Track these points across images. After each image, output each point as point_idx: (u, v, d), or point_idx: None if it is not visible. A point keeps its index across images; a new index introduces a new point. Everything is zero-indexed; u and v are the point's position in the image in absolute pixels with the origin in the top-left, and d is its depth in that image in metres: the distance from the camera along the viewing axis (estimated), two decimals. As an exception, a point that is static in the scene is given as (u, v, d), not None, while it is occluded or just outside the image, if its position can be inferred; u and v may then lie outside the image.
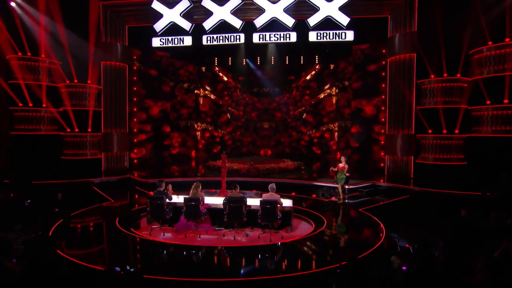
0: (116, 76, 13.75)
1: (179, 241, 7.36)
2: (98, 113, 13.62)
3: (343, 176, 9.72)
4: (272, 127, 20.16)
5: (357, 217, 8.94)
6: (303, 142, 19.83)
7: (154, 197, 7.80)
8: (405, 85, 13.18)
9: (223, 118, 20.12)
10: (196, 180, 8.61)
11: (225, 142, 20.20)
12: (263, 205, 7.43)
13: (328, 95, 19.12)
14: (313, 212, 8.92)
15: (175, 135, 18.68)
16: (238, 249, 6.82)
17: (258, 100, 20.07)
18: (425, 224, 8.07)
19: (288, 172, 13.83)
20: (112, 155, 13.88)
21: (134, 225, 8.14)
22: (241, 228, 7.92)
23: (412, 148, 13.07)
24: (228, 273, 5.56)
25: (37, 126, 12.59)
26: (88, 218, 8.55)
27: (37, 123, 12.61)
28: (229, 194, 8.02)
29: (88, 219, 8.50)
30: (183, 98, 18.77)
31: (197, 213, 7.69)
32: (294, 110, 19.86)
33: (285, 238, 7.47)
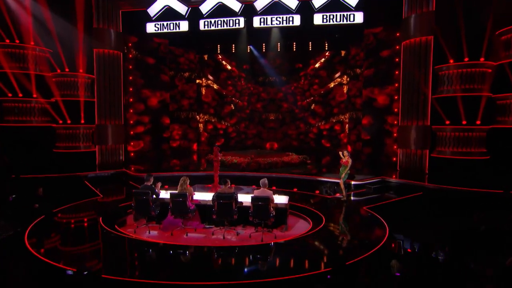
0: (110, 64, 13.60)
1: (164, 239, 7.15)
2: (91, 104, 13.51)
3: (346, 171, 9.31)
4: (278, 118, 19.76)
5: (360, 216, 8.55)
6: (312, 134, 19.38)
7: (139, 192, 7.62)
8: (421, 71, 12.51)
9: (226, 109, 19.84)
10: (196, 175, 8.40)
11: (228, 134, 19.94)
12: (254, 202, 7.15)
13: (339, 84, 18.54)
14: (312, 210, 8.59)
15: (176, 127, 18.54)
16: (225, 249, 6.57)
17: (264, 90, 19.67)
18: (436, 225, 7.61)
19: (293, 167, 13.47)
20: (107, 148, 13.80)
21: (119, 222, 8.01)
22: (233, 227, 7.68)
23: (427, 141, 12.45)
24: (207, 276, 5.31)
25: (27, 117, 12.58)
26: (72, 214, 8.42)
27: (27, 114, 12.57)
28: (219, 190, 7.78)
29: (72, 215, 8.37)
30: (183, 88, 18.56)
31: (184, 209, 7.48)
32: (302, 101, 19.40)
33: (278, 237, 7.18)
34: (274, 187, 11.19)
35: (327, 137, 18.94)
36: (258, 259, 6.14)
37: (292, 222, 8.19)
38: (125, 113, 14.95)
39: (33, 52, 12.26)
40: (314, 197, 10.13)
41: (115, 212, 8.45)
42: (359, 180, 10.90)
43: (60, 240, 6.98)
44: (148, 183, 7.86)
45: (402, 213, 8.76)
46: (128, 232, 7.49)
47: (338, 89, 18.53)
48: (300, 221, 8.31)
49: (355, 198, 10.16)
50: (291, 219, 8.39)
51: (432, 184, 10.68)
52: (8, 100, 12.27)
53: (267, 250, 6.58)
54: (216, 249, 6.56)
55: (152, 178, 7.92)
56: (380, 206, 8.94)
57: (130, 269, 5.68)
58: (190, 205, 7.61)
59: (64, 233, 7.30)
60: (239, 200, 7.64)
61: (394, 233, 6.89)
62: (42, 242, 6.60)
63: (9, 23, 11.64)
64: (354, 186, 10.59)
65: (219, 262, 6.01)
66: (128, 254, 6.32)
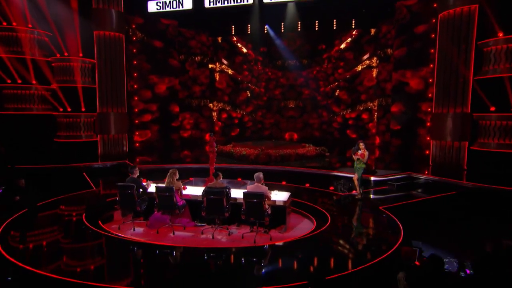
0: (112, 48, 13.41)
1: (147, 237, 6.91)
2: (93, 90, 13.42)
3: (362, 165, 8.58)
4: (298, 106, 19.06)
5: (373, 217, 7.87)
6: (336, 124, 18.52)
7: (123, 185, 7.40)
8: (461, 48, 11.32)
9: (242, 97, 19.37)
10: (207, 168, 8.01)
11: (244, 124, 19.51)
12: (247, 199, 6.71)
13: (367, 67, 17.46)
14: (319, 209, 8.00)
15: (187, 115, 18.33)
16: (211, 251, 6.19)
17: (283, 75, 18.96)
18: (469, 233, 6.82)
19: (308, 160, 12.82)
20: (109, 137, 13.76)
21: (105, 217, 7.87)
22: (226, 225, 7.31)
23: (466, 131, 11.27)
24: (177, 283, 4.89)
25: (27, 105, 12.73)
26: (57, 208, 8.29)
27: (27, 102, 12.70)
28: (209, 184, 7.40)
29: (56, 209, 8.23)
30: (195, 74, 18.26)
31: (171, 205, 7.18)
32: (325, 86, 18.51)
33: (274, 239, 6.72)
34: (284, 182, 10.70)
35: (353, 127, 18.00)
36: (245, 264, 5.69)
37: (295, 222, 7.72)
38: (129, 100, 14.87)
39: (31, 36, 12.38)
40: (326, 194, 9.50)
41: (101, 206, 8.33)
42: (381, 175, 10.08)
43: (33, 237, 6.83)
44: (133, 176, 7.63)
45: (427, 216, 7.95)
46: (112, 228, 7.32)
47: (367, 72, 17.47)
48: (305, 221, 7.81)
49: (376, 196, 9.41)
50: (295, 218, 7.93)
51: (470, 183, 9.65)
52: (7, 87, 12.53)
53: (258, 253, 6.12)
54: (200, 251, 6.20)
55: (137, 170, 7.67)
56: (401, 206, 8.15)
57: (91, 270, 5.37)
58: (178, 200, 7.30)
59: (40, 228, 7.16)
60: (234, 196, 7.24)
61: (412, 240, 6.17)
62: (15, 239, 6.50)
63: (4, 4, 11.80)
64: (374, 183, 9.81)
65: (194, 267, 5.62)
66: (96, 253, 6.07)
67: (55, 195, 9.07)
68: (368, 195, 9.23)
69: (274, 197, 7.28)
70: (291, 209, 7.57)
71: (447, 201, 8.77)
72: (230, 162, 12.85)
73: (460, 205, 8.60)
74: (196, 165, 12.68)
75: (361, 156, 8.50)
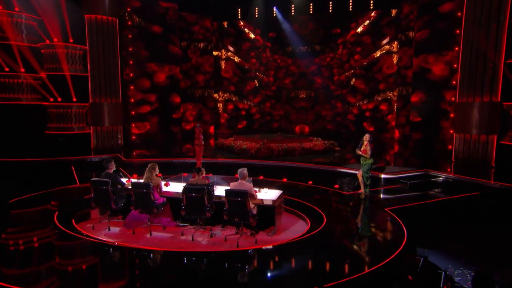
0: (105, 33, 13.14)
1: (120, 239, 6.57)
2: (84, 79, 13.17)
3: (368, 161, 7.94)
4: (310, 96, 18.45)
5: (374, 220, 7.26)
6: (351, 116, 17.80)
7: (97, 180, 7.08)
8: (491, 26, 10.41)
9: (249, 86, 18.91)
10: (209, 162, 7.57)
11: (251, 115, 19.05)
12: (229, 197, 6.25)
13: (387, 52, 16.62)
14: (316, 209, 7.46)
15: (189, 107, 18.03)
16: (185, 256, 5.78)
17: (293, 62, 18.33)
18: (490, 241, 6.14)
19: (315, 154, 12.19)
20: (103, 129, 13.56)
21: (80, 216, 7.59)
22: (209, 226, 6.89)
23: (495, 123, 10.40)
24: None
25: (16, 94, 12.60)
26: (31, 204, 8.00)
27: (16, 91, 12.58)
28: (189, 181, 6.98)
29: (29, 206, 7.94)
30: (198, 62, 17.88)
31: (148, 203, 6.81)
32: (340, 75, 17.81)
33: (260, 243, 6.25)
34: (285, 179, 10.18)
35: (371, 119, 17.24)
36: (222, 272, 5.25)
37: (288, 223, 7.22)
38: (124, 90, 14.62)
39: (18, 20, 12.25)
40: (329, 193, 8.91)
41: (77, 204, 8.07)
42: (392, 173, 9.38)
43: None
44: (109, 170, 7.30)
45: (441, 220, 7.25)
46: (85, 228, 7.01)
47: (386, 59, 16.62)
48: (299, 222, 7.30)
49: (385, 196, 8.74)
50: (290, 219, 7.46)
51: (498, 182, 8.83)
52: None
53: (239, 259, 5.66)
54: (172, 255, 5.80)
55: (112, 165, 7.31)
56: (411, 208, 7.48)
57: (41, 277, 5.00)
58: (157, 198, 6.91)
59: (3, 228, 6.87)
60: (218, 194, 6.82)
61: (418, 247, 5.57)
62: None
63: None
64: (385, 181, 9.13)
65: (167, 273, 5.21)
66: (57, 256, 5.70)
67: (34, 190, 8.88)
68: (378, 195, 8.58)
69: (263, 195, 6.79)
70: (282, 209, 7.06)
71: (468, 203, 8.01)
72: (230, 156, 12.41)
73: (483, 208, 7.84)
74: (208, 159, 12.30)
75: (363, 152, 7.89)
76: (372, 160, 7.91)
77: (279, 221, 6.88)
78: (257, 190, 6.97)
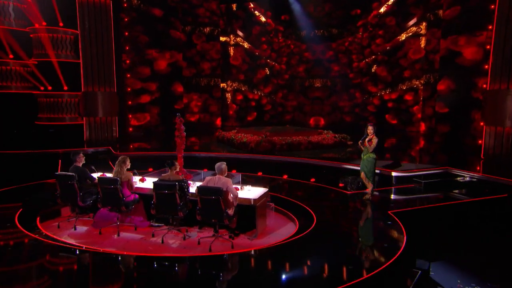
0: (97, 16, 12.82)
1: (81, 240, 6.22)
2: (76, 66, 12.87)
3: (368, 155, 7.27)
4: (326, 86, 17.71)
5: (372, 225, 6.60)
6: (372, 107, 16.94)
7: (63, 175, 6.77)
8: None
9: (260, 75, 18.34)
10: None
11: (262, 106, 18.50)
12: (202, 195, 5.77)
13: (414, 35, 15.61)
14: (308, 210, 6.89)
15: (194, 97, 17.68)
16: (146, 261, 5.37)
17: (308, 48, 17.59)
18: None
19: (324, 149, 11.47)
20: (96, 120, 13.38)
21: (49, 213, 7.33)
22: (186, 227, 6.47)
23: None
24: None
25: (5, 82, 12.42)
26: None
27: (5, 79, 12.41)
28: (161, 176, 6.56)
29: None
30: (204, 48, 17.44)
31: (116, 200, 6.44)
32: (360, 61, 16.98)
33: (237, 247, 5.76)
34: (285, 175, 9.63)
35: (394, 111, 16.32)
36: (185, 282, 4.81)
37: (277, 225, 6.72)
38: (120, 78, 14.31)
39: (5, 2, 12.03)
40: (330, 192, 8.28)
41: (45, 200, 7.82)
42: (405, 170, 8.59)
43: None
44: (76, 164, 6.95)
45: (455, 226, 6.49)
46: (50, 227, 6.73)
47: (413, 42, 15.62)
48: (289, 225, 6.76)
49: (395, 197, 8.02)
50: (280, 220, 6.98)
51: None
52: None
53: (207, 266, 5.20)
54: (131, 260, 5.41)
55: (81, 157, 6.95)
56: (420, 211, 6.73)
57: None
58: (127, 194, 6.53)
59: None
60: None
61: (418, 258, 4.91)
62: None
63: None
64: (397, 180, 8.39)
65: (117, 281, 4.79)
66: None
67: (10, 184, 8.76)
68: (385, 195, 7.88)
69: (244, 194, 6.27)
70: (266, 210, 6.52)
71: (492, 207, 7.18)
72: (230, 150, 11.95)
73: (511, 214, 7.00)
74: (204, 153, 11.92)
75: (369, 144, 7.17)
76: (374, 155, 7.25)
77: (262, 223, 6.33)
78: (238, 187, 6.48)
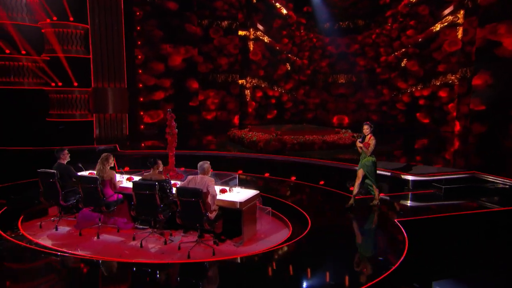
0: (107, 10, 12.88)
1: (59, 241, 6.06)
2: (86, 61, 13.02)
3: (368, 159, 6.74)
4: (351, 82, 17.08)
5: (370, 235, 6.04)
6: (401, 105, 16.07)
7: (45, 172, 6.67)
8: None
9: (280, 70, 17.94)
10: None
11: (283, 104, 18.09)
12: (181, 197, 5.46)
13: (450, 25, 14.64)
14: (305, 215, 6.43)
15: (211, 94, 17.49)
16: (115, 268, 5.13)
17: (332, 41, 17.00)
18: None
19: (340, 149, 10.88)
20: (106, 117, 13.49)
21: (35, 211, 7.29)
22: (171, 230, 6.21)
23: None
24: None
25: (18, 78, 12.79)
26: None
27: (18, 75, 12.76)
28: (144, 175, 6.30)
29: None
30: (221, 42, 17.24)
31: (97, 200, 6.24)
32: (388, 55, 16.21)
33: (218, 254, 5.41)
34: (293, 177, 9.18)
35: (426, 109, 15.40)
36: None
37: (269, 231, 6.34)
38: (132, 74, 14.26)
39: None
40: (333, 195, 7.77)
41: (31, 198, 7.80)
42: (425, 174, 7.90)
43: None
44: (60, 161, 6.84)
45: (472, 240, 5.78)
46: (32, 226, 6.67)
47: (448, 33, 14.65)
48: (284, 231, 6.37)
49: (414, 204, 7.37)
50: (274, 226, 6.55)
51: None
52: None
53: (182, 274, 4.94)
54: (103, 266, 5.18)
55: (66, 154, 6.83)
56: (433, 220, 6.06)
57: None
58: (109, 194, 6.34)
59: None
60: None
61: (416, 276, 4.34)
62: None
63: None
64: (414, 184, 7.72)
65: None
66: None
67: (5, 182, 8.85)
68: (398, 201, 7.25)
69: (231, 196, 5.89)
70: (255, 214, 6.11)
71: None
72: (239, 149, 11.63)
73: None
74: (221, 153, 11.67)
75: (365, 146, 6.66)
76: (374, 158, 6.73)
77: (250, 229, 5.95)
78: (227, 189, 6.13)
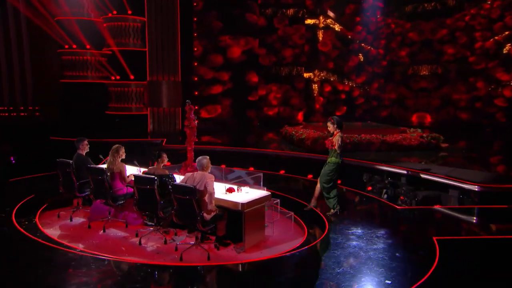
0: (164, 1, 13.43)
1: (66, 232, 6.28)
2: (143, 54, 13.55)
3: (332, 160, 6.22)
4: (436, 74, 15.55)
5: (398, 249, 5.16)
6: (501, 101, 14.12)
7: (62, 162, 6.94)
8: None
9: (352, 62, 16.97)
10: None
11: (353, 100, 17.12)
12: (176, 194, 5.29)
13: None
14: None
15: (273, 88, 17.17)
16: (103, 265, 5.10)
17: (413, 26, 15.58)
18: None
19: (404, 152, 9.75)
20: (159, 111, 13.88)
21: (61, 201, 7.68)
22: (175, 229, 6.10)
23: None
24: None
25: (83, 72, 13.75)
26: (26, 185, 8.44)
27: (83, 69, 13.71)
28: (148, 169, 6.25)
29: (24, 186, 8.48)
30: (286, 32, 16.83)
31: (104, 192, 6.36)
32: (485, 40, 14.40)
33: (213, 260, 5.19)
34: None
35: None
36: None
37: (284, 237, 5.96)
38: (187, 67, 14.48)
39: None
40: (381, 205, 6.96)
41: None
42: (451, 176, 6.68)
43: None
44: (79, 151, 7.09)
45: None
46: (53, 215, 7.06)
47: None
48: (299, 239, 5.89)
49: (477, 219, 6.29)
50: (295, 231, 6.13)
51: None
52: (65, 53, 13.84)
53: (172, 278, 4.84)
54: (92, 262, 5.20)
55: (84, 145, 7.05)
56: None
57: None
58: (118, 187, 6.42)
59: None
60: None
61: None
62: None
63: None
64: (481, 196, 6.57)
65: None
66: None
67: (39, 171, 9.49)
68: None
69: (237, 196, 5.56)
70: (263, 217, 5.67)
71: None
72: (289, 148, 11.17)
73: None
74: (252, 149, 11.45)
75: (327, 143, 6.04)
76: (338, 159, 6.04)
77: (255, 233, 5.64)
78: (235, 188, 5.82)
